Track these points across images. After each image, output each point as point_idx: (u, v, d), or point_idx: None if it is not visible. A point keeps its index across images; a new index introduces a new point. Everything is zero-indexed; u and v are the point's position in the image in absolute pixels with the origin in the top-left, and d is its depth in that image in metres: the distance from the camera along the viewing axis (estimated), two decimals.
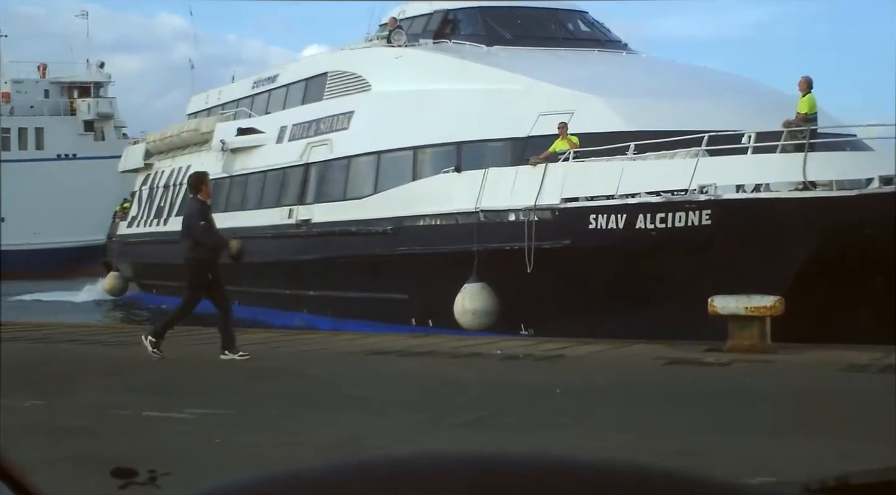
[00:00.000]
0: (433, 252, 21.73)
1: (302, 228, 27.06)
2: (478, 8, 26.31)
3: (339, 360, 15.26)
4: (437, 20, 26.46)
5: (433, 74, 24.08)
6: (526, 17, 25.99)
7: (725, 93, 22.13)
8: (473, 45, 25.16)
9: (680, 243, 16.48)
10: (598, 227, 17.67)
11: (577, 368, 14.35)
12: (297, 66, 31.34)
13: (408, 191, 22.74)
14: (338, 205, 25.40)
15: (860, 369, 12.98)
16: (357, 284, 24.61)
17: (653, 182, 17.15)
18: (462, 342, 18.84)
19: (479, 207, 20.36)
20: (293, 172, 27.98)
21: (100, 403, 10.92)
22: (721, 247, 15.94)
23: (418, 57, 25.16)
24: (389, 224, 23.00)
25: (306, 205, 27.06)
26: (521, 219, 19.23)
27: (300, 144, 27.94)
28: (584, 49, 25.27)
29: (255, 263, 29.13)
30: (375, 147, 24.45)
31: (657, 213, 16.72)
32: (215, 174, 32.48)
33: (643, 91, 21.64)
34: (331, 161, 26.26)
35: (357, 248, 24.27)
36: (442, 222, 21.73)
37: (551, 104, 20.94)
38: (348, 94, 27.06)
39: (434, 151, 22.74)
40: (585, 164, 18.39)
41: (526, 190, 19.27)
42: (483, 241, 20.11)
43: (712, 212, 16.06)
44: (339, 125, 26.36)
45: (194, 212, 14.77)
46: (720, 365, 13.68)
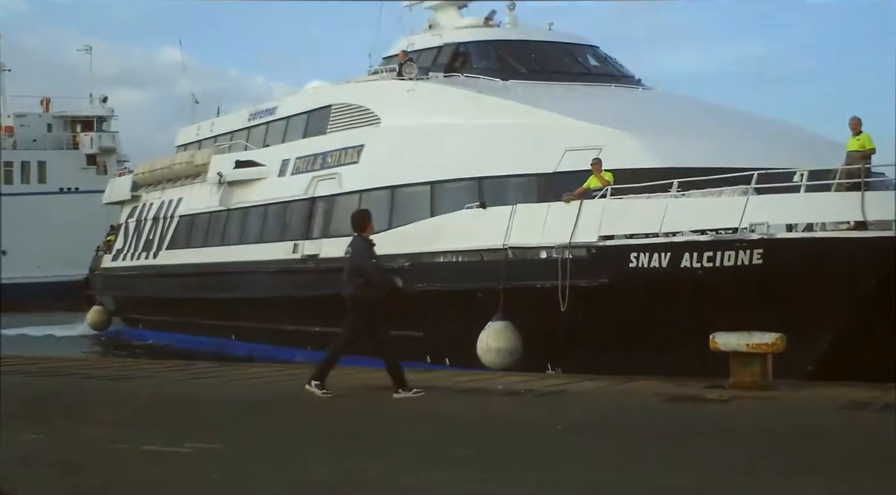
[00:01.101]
0: (454, 289, 21.32)
1: (308, 263, 26.54)
2: (490, 41, 26.06)
3: (340, 395, 15.13)
4: (448, 53, 26.15)
5: (450, 108, 23.73)
6: (539, 51, 25.75)
7: (749, 130, 21.98)
8: (488, 79, 24.85)
9: (728, 283, 16.17)
10: (640, 266, 17.34)
11: (579, 404, 14.42)
12: (298, 98, 30.87)
13: (427, 227, 22.32)
14: (348, 240, 24.82)
15: (862, 407, 13.09)
16: None
17: (698, 220, 16.86)
18: (463, 377, 18.81)
19: (507, 244, 19.98)
20: (297, 206, 27.50)
21: (100, 437, 11.08)
22: (771, 287, 15.66)
23: (433, 90, 24.80)
24: (406, 260, 22.56)
25: (313, 239, 26.55)
26: (555, 257, 18.87)
27: (305, 178, 27.47)
28: (601, 84, 25.05)
29: (255, 298, 28.68)
30: (389, 181, 24.03)
31: (704, 252, 16.42)
32: (210, 207, 32.05)
33: (668, 127, 21.45)
34: (340, 195, 25.80)
35: None
36: (465, 259, 21.33)
37: (577, 140, 20.66)
38: (355, 127, 26.66)
39: (454, 187, 22.35)
40: (625, 201, 18.07)
41: (559, 227, 18.92)
42: (511, 279, 19.74)
43: (764, 252, 15.79)
44: (349, 159, 25.94)
45: (361, 250, 14.46)
46: (721, 402, 13.71)
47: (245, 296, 29.17)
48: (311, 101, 29.61)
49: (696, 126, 21.84)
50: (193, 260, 32.68)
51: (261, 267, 28.51)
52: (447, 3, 29.27)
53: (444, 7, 29.25)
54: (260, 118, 32.30)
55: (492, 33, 26.57)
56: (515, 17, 27.51)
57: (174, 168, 35.13)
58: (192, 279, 32.45)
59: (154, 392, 16.59)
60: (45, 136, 56.92)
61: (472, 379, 17.80)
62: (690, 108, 23.60)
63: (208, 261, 31.62)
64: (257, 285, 28.69)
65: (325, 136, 27.92)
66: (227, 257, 30.62)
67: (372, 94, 26.72)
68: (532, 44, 25.93)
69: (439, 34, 27.01)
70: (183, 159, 34.54)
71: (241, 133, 33.16)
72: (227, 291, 30.06)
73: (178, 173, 35.11)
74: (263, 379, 18.78)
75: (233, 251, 30.41)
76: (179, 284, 33.45)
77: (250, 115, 33.02)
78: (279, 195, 28.51)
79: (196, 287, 32.16)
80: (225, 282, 30.37)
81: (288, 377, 18.98)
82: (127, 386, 17.85)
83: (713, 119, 22.70)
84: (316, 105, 29.13)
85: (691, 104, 24.14)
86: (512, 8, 27.34)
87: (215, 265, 31.07)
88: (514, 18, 27.46)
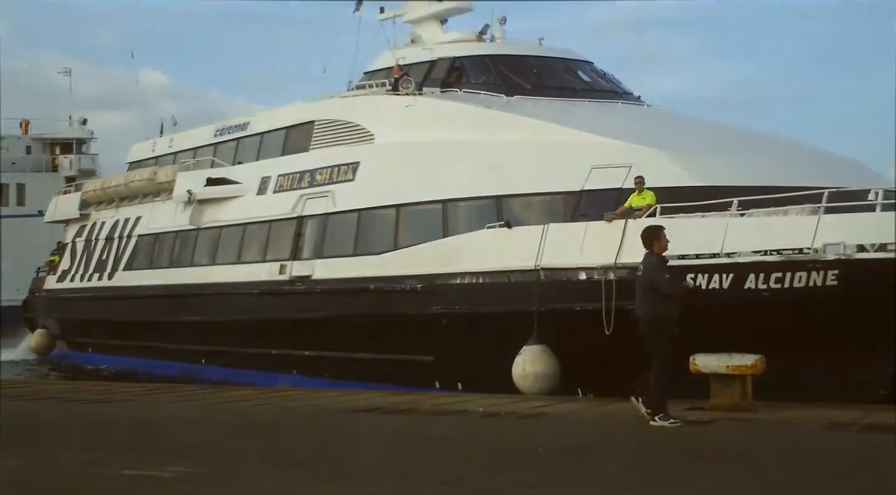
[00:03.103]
0: (475, 312, 20.59)
1: (297, 285, 25.52)
2: (487, 56, 25.41)
3: (321, 418, 15.45)
4: (443, 68, 25.42)
5: (457, 124, 22.97)
6: (539, 66, 25.18)
7: (771, 149, 21.70)
8: (491, 95, 24.18)
9: (797, 305, 15.74)
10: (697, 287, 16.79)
11: (559, 426, 14.49)
12: (274, 114, 29.76)
13: (442, 247, 21.54)
14: (347, 260, 24.00)
15: (843, 428, 13.20)
16: (366, 344, 23.27)
17: (764, 240, 16.38)
18: (444, 399, 18.78)
19: (539, 265, 19.32)
20: (283, 226, 26.45)
21: (81, 462, 11.08)
22: (846, 310, 15.26)
23: (435, 105, 24.05)
24: (418, 281, 21.77)
25: (302, 260, 25.54)
26: (597, 278, 18.27)
27: (291, 196, 26.46)
28: (606, 101, 24.58)
29: (232, 321, 27.52)
30: (393, 200, 23.19)
31: (772, 273, 15.97)
32: (178, 226, 30.78)
33: (695, 145, 21.06)
34: (334, 214, 24.86)
35: (373, 307, 22.92)
36: (487, 280, 20.61)
37: (604, 157, 20.11)
38: (345, 144, 25.76)
39: (470, 205, 21.61)
40: (678, 221, 17.53)
41: (601, 247, 18.33)
42: (546, 301, 19.09)
43: (840, 273, 15.39)
44: (342, 177, 25.02)
45: (655, 267, 13.75)
46: (702, 423, 13.81)
47: (220, 318, 27.98)
48: (290, 116, 28.56)
49: (720, 144, 21.49)
50: (157, 281, 31.33)
51: (240, 288, 27.39)
52: (428, 18, 28.58)
53: (425, 21, 28.54)
54: (228, 134, 31.13)
55: (487, 47, 25.92)
56: (505, 31, 26.91)
57: (131, 185, 33.70)
58: (156, 301, 31.10)
59: (137, 415, 16.58)
60: (25, 159, 55.85)
61: (453, 402, 17.90)
62: (706, 126, 23.24)
63: (175, 283, 30.33)
64: (235, 307, 27.54)
65: (308, 154, 26.95)
66: (198, 278, 29.40)
67: (363, 109, 25.83)
68: (530, 59, 25.35)
69: (430, 48, 26.25)
70: (143, 176, 33.11)
71: (207, 149, 31.92)
72: (199, 314, 28.82)
73: (136, 191, 33.69)
74: (247, 403, 18.57)
75: (205, 272, 29.20)
76: (139, 307, 32.05)
77: (217, 130, 31.80)
78: (260, 214, 27.43)
79: (160, 309, 30.82)
80: (195, 305, 29.13)
81: (268, 401, 18.93)
82: (108, 410, 17.70)
83: (732, 137, 22.38)
84: (296, 121, 28.11)
85: (704, 123, 23.78)
86: (503, 22, 26.74)
87: (184, 287, 29.81)
88: (504, 33, 26.85)
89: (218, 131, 31.72)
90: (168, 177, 31.59)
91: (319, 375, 24.66)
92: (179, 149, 33.69)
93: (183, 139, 33.98)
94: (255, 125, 29.99)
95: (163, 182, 31.94)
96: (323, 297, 24.65)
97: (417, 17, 28.69)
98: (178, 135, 34.70)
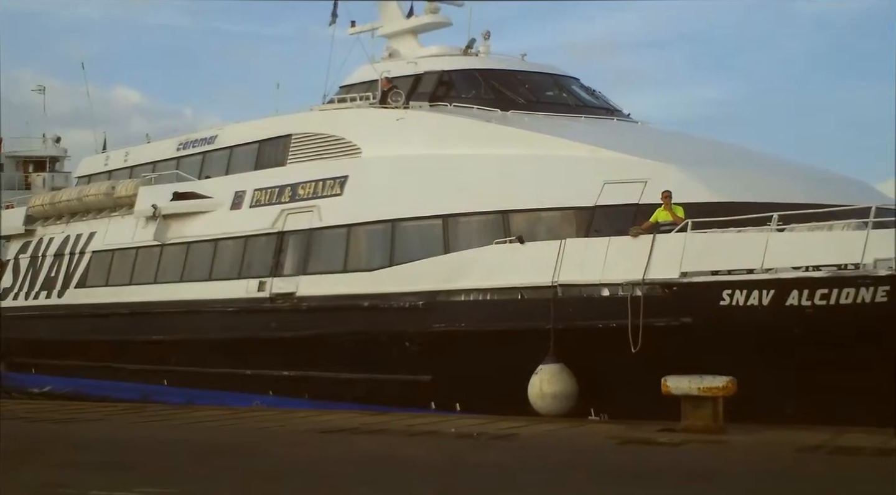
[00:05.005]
0: (485, 329, 20.05)
1: (278, 302, 24.69)
2: (476, 70, 24.95)
3: (294, 439, 15.59)
4: (431, 82, 24.87)
5: (455, 138, 22.43)
6: (529, 81, 24.82)
7: (773, 166, 21.63)
8: (485, 109, 23.70)
9: (844, 322, 15.52)
10: (734, 304, 16.52)
11: (531, 447, 14.56)
12: (244, 127, 28.80)
13: (446, 263, 20.95)
14: (335, 277, 23.27)
15: (813, 450, 13.40)
16: (355, 364, 22.58)
17: (807, 256, 16.14)
18: (416, 419, 18.73)
19: (556, 281, 18.86)
20: (261, 241, 25.59)
21: (48, 481, 11.15)
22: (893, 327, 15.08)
23: (431, 119, 23.47)
24: (420, 299, 21.16)
25: (284, 276, 24.72)
26: (622, 295, 17.88)
27: (270, 211, 25.63)
28: (601, 117, 24.30)
29: (202, 340, 26.51)
30: (387, 215, 22.55)
31: (817, 289, 15.72)
32: (139, 242, 29.70)
33: (705, 161, 20.83)
34: (320, 229, 24.12)
35: (367, 324, 22.24)
36: (494, 297, 20.09)
37: (615, 172, 19.79)
38: (328, 158, 25.06)
39: (474, 220, 21.06)
40: (712, 236, 17.24)
41: (626, 263, 17.95)
42: (563, 319, 18.63)
43: (891, 289, 15.20)
44: (329, 191, 24.29)
45: None
46: (673, 445, 14.01)
47: (187, 337, 26.97)
48: (263, 130, 27.71)
49: (728, 161, 21.32)
50: (114, 299, 30.15)
51: (211, 306, 26.45)
52: (405, 32, 28.07)
53: (402, 36, 28.01)
54: (193, 148, 30.13)
55: (476, 61, 25.47)
56: (489, 46, 26.51)
57: (86, 199, 32.42)
58: (113, 319, 29.89)
59: (108, 435, 16.56)
60: None
61: (426, 422, 17.79)
62: (708, 143, 23.09)
63: (136, 301, 29.20)
64: (205, 325, 26.57)
65: (286, 168, 26.18)
66: (162, 296, 28.34)
67: (347, 122, 25.14)
68: (520, 73, 24.97)
69: (414, 62, 25.70)
70: (100, 190, 31.87)
71: (168, 163, 30.84)
72: (162, 332, 27.78)
73: (91, 205, 32.43)
74: (220, 423, 18.46)
75: (170, 289, 28.14)
76: (93, 325, 30.79)
77: (180, 144, 30.75)
78: (235, 229, 26.52)
79: (118, 328, 29.62)
80: (159, 323, 28.06)
81: (241, 421, 18.79)
82: (77, 429, 17.69)
83: (737, 154, 22.23)
84: (270, 134, 27.29)
85: (705, 139, 23.63)
86: (487, 37, 26.34)
87: (145, 304, 28.71)
88: (488, 48, 26.44)
89: (181, 145, 30.68)
90: (128, 192, 30.46)
91: (299, 396, 23.89)
92: (136, 163, 32.52)
93: (140, 153, 32.82)
94: (224, 138, 29.05)
95: (122, 196, 30.79)
96: (308, 315, 23.87)
97: (393, 31, 28.15)
98: (135, 148, 33.51)
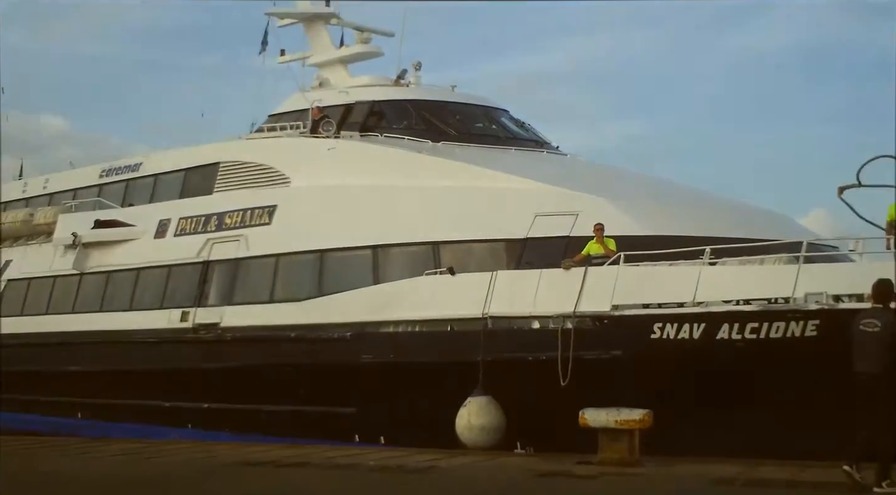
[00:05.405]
0: (411, 361, 19.80)
1: (201, 333, 24.21)
2: (408, 101, 24.86)
3: (211, 472, 15.22)
4: (362, 112, 24.72)
5: (387, 168, 22.28)
6: (460, 112, 24.79)
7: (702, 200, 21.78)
8: (416, 140, 23.59)
9: (774, 356, 15.56)
10: (664, 337, 16.50)
11: (448, 480, 14.54)
12: (170, 155, 28.36)
13: (375, 294, 20.71)
14: (262, 307, 22.89)
15: (727, 483, 13.43)
16: (279, 396, 22.17)
17: (739, 290, 16.17)
18: (335, 452, 18.50)
19: (487, 313, 18.71)
20: (185, 271, 25.10)
21: None
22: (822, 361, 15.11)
23: (363, 149, 23.30)
24: (348, 330, 20.88)
25: (207, 307, 24.27)
26: (552, 327, 17.78)
27: (195, 240, 25.17)
28: (532, 149, 24.32)
29: (120, 371, 25.87)
30: (316, 245, 22.26)
31: (748, 323, 15.74)
32: (56, 271, 29.02)
33: (636, 194, 20.91)
34: (247, 259, 23.74)
35: (293, 356, 21.87)
36: (424, 328, 19.87)
37: (547, 205, 19.77)
38: (256, 187, 24.73)
39: (404, 251, 20.87)
40: (645, 269, 17.23)
41: (557, 295, 17.86)
42: (493, 350, 18.48)
43: (820, 323, 15.26)
44: (256, 220, 23.95)
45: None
46: (589, 478, 14.05)
47: (102, 368, 26.32)
48: (190, 158, 27.30)
49: (656, 194, 21.44)
50: (27, 329, 29.33)
51: (131, 336, 25.85)
52: (335, 62, 27.95)
53: (332, 65, 27.89)
54: (116, 175, 29.58)
55: (408, 92, 25.39)
56: (420, 77, 26.47)
57: (2, 227, 31.63)
58: (25, 350, 29.05)
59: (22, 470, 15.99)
60: None
61: (347, 455, 17.67)
62: (638, 177, 23.19)
63: (50, 331, 28.45)
64: (125, 357, 25.95)
65: (212, 196, 25.79)
66: (81, 326, 27.66)
67: (277, 151, 24.87)
68: (451, 105, 24.93)
69: (345, 92, 25.54)
70: (17, 217, 31.14)
71: (90, 191, 30.22)
72: (77, 363, 27.07)
73: (8, 233, 31.64)
74: (134, 457, 18.02)
75: (89, 319, 27.49)
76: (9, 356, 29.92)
77: (103, 171, 30.17)
78: (158, 258, 26.02)
79: (29, 359, 28.77)
80: (74, 353, 27.36)
81: (158, 453, 18.48)
82: None
83: (663, 188, 22.37)
84: (197, 162, 26.89)
85: (635, 173, 23.75)
86: (418, 68, 26.30)
87: (61, 334, 27.99)
88: (419, 79, 26.39)
89: (104, 172, 30.10)
90: (47, 219, 29.80)
91: (219, 429, 23.37)
92: (56, 191, 31.83)
93: (61, 180, 32.12)
94: (149, 166, 28.57)
95: (41, 224, 30.10)
96: (233, 346, 23.43)
97: (324, 61, 28.03)
98: (56, 175, 32.80)
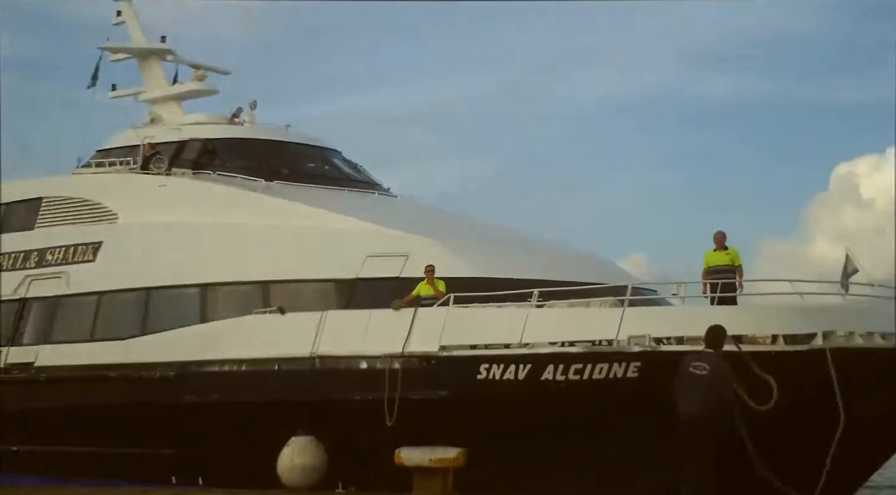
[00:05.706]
0: (230, 401, 19.38)
1: (13, 373, 23.22)
2: (242, 140, 24.58)
3: None
4: (195, 149, 24.29)
5: (217, 206, 21.92)
6: (294, 152, 24.63)
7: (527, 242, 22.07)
8: (248, 179, 23.30)
9: (595, 396, 15.75)
10: (490, 378, 16.54)
11: None
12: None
13: (201, 333, 20.25)
14: (81, 346, 22.13)
15: None
16: (97, 437, 21.41)
17: (564, 332, 16.32)
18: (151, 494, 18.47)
19: (315, 353, 18.49)
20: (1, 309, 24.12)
21: None
22: (644, 402, 15.38)
23: (193, 187, 22.88)
24: (172, 369, 20.33)
25: (23, 346, 23.35)
26: (380, 367, 17.65)
27: (13, 277, 24.20)
28: (364, 190, 24.27)
29: None
30: (142, 282, 21.70)
31: (572, 364, 15.91)
32: None
33: (468, 237, 21.03)
34: (67, 297, 22.97)
35: (112, 396, 21.15)
36: (249, 368, 19.50)
37: (378, 246, 19.73)
38: (82, 223, 24.02)
39: (232, 290, 20.49)
40: (473, 310, 17.28)
41: (385, 335, 17.76)
42: (320, 390, 18.25)
43: (642, 365, 15.53)
44: (80, 257, 23.22)
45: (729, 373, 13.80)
46: None
47: None
48: (10, 192, 26.22)
49: (486, 238, 21.60)
50: None
51: None
52: (169, 98, 27.49)
53: (165, 102, 27.42)
54: None
55: (241, 131, 25.09)
56: (255, 115, 26.20)
57: None
58: None
59: None
60: None
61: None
62: (469, 220, 23.30)
63: None
64: None
65: (34, 232, 24.90)
66: None
67: (105, 187, 24.22)
68: (284, 144, 24.74)
69: (178, 129, 25.10)
70: None
71: None
72: None
73: None
74: None
75: None
76: None
77: None
78: None
79: None
80: None
81: None
82: None
83: (493, 231, 22.58)
84: (17, 197, 25.91)
85: (466, 217, 23.85)
86: (254, 107, 26.02)
87: None
88: (254, 117, 26.14)
89: None
90: None
91: (30, 473, 22.40)
92: None
93: None
94: None
95: None
96: (46, 386, 22.54)
97: (157, 97, 27.54)
98: None
